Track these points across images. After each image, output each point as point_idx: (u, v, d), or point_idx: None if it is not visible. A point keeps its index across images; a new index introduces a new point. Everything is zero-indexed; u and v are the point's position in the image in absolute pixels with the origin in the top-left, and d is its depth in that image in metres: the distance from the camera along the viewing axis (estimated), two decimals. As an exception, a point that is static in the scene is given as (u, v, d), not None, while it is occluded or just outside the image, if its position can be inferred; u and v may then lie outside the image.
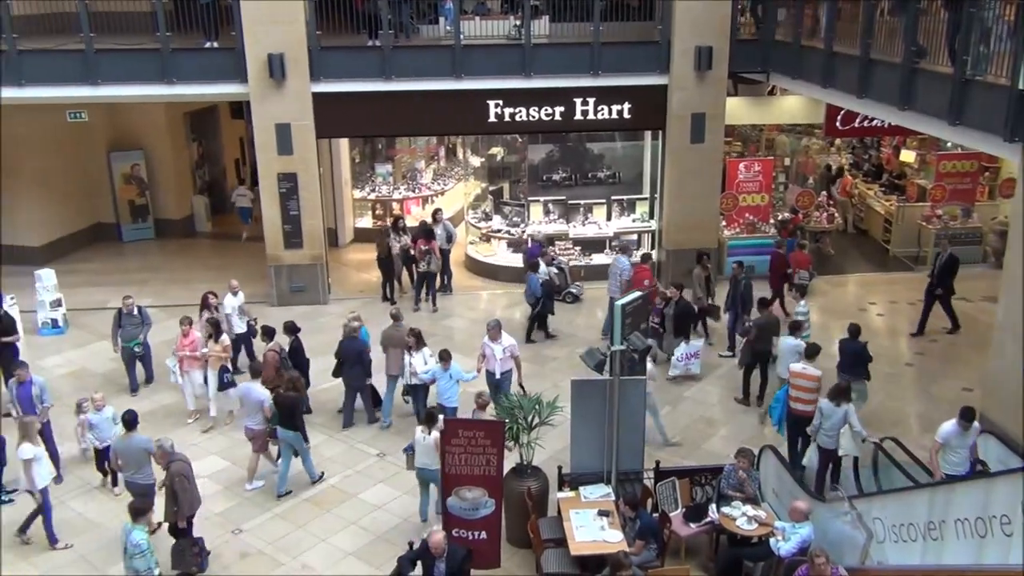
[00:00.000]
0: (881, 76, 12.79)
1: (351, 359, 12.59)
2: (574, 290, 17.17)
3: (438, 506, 10.23)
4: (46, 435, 11.39)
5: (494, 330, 12.29)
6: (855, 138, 21.49)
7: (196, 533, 9.97)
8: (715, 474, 10.29)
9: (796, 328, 12.45)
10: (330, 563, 9.99)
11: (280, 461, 11.40)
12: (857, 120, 17.12)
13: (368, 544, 10.29)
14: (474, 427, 9.51)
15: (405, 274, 17.62)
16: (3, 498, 11.00)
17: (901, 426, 12.29)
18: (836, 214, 19.54)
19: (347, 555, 10.12)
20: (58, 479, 11.22)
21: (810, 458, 11.07)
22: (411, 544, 8.90)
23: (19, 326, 14.27)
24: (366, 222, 20.91)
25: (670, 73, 16.53)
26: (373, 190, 20.96)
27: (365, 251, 19.57)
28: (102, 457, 11.17)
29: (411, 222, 18.86)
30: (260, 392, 11.22)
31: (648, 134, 18.02)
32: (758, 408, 13.07)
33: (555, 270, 16.19)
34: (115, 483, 11.11)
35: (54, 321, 15.95)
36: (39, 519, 10.29)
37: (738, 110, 18.02)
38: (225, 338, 12.89)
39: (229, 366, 12.86)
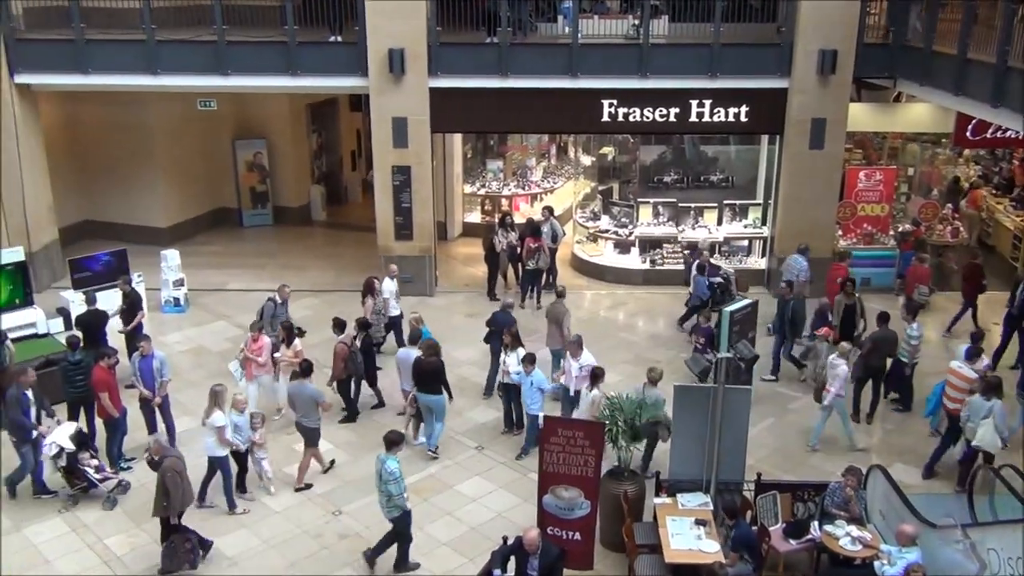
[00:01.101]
0: (1019, 85, 12.13)
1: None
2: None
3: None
4: (164, 408, 11.98)
5: (573, 345, 12.01)
6: (985, 149, 20.48)
7: (208, 530, 10.16)
8: (818, 490, 9.99)
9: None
10: (424, 551, 10.13)
11: (427, 425, 12.06)
12: (990, 130, 16.33)
13: (462, 535, 10.41)
14: (574, 427, 9.50)
15: (511, 270, 17.73)
16: (122, 465, 11.60)
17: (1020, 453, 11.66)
18: (961, 228, 18.65)
19: (441, 544, 10.27)
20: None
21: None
22: (505, 539, 8.96)
23: (144, 303, 15.02)
24: (475, 217, 21.14)
25: (791, 76, 16.10)
26: (483, 186, 21.16)
27: (472, 246, 19.78)
28: (243, 460, 11.05)
29: (519, 219, 18.96)
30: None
31: (765, 138, 17.63)
32: (867, 425, 12.63)
33: (719, 279, 15.65)
34: (244, 489, 11.16)
35: (176, 300, 16.70)
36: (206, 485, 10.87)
37: (860, 116, 17.40)
38: (297, 343, 12.68)
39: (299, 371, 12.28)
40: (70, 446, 10.78)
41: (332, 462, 11.78)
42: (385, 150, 16.65)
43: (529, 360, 11.72)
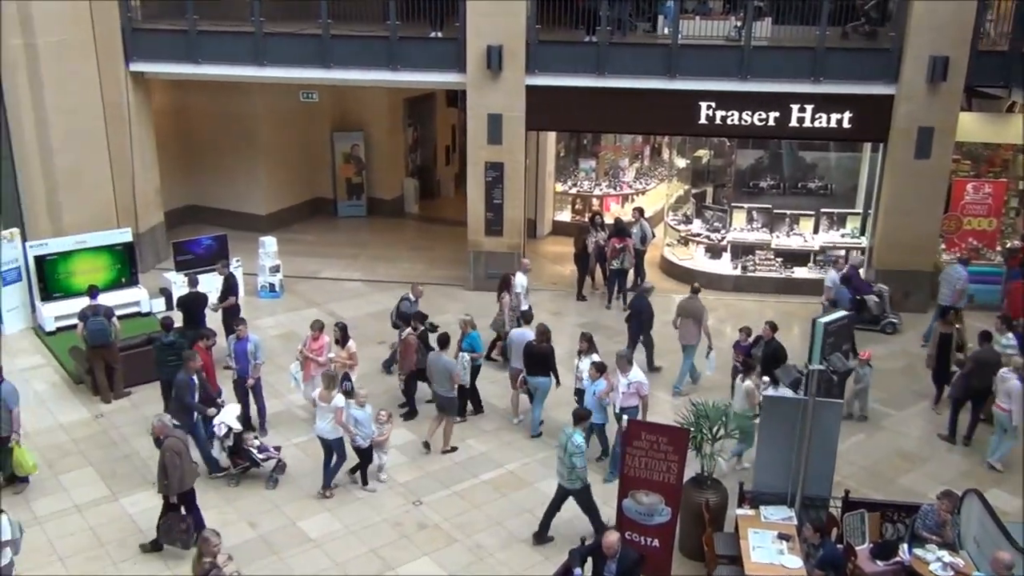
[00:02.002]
0: None
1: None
2: (894, 319, 15.79)
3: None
4: (256, 390, 12.32)
5: (621, 360, 11.32)
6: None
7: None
8: (909, 512, 9.66)
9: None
10: (502, 546, 10.21)
11: (535, 407, 12.38)
12: (1113, 144, 15.52)
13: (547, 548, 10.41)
14: (658, 432, 9.41)
15: (599, 271, 17.67)
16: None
17: None
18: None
19: (519, 541, 10.30)
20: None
21: None
22: (583, 540, 8.95)
23: (241, 287, 15.50)
24: (565, 216, 21.11)
25: (898, 83, 15.58)
26: (575, 184, 21.11)
27: (561, 244, 19.77)
28: (366, 456, 11.16)
29: (609, 219, 18.86)
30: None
31: (868, 146, 17.11)
32: (964, 447, 12.16)
33: (875, 298, 15.30)
34: (365, 482, 11.29)
35: (272, 285, 17.16)
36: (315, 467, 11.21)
37: (970, 126, 16.73)
38: (352, 344, 12.52)
39: (352, 374, 12.39)
40: (238, 426, 11.13)
41: (454, 448, 12.12)
42: (479, 146, 16.78)
43: (597, 368, 11.44)
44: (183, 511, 9.92)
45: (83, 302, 13.33)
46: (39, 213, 16.05)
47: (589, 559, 8.49)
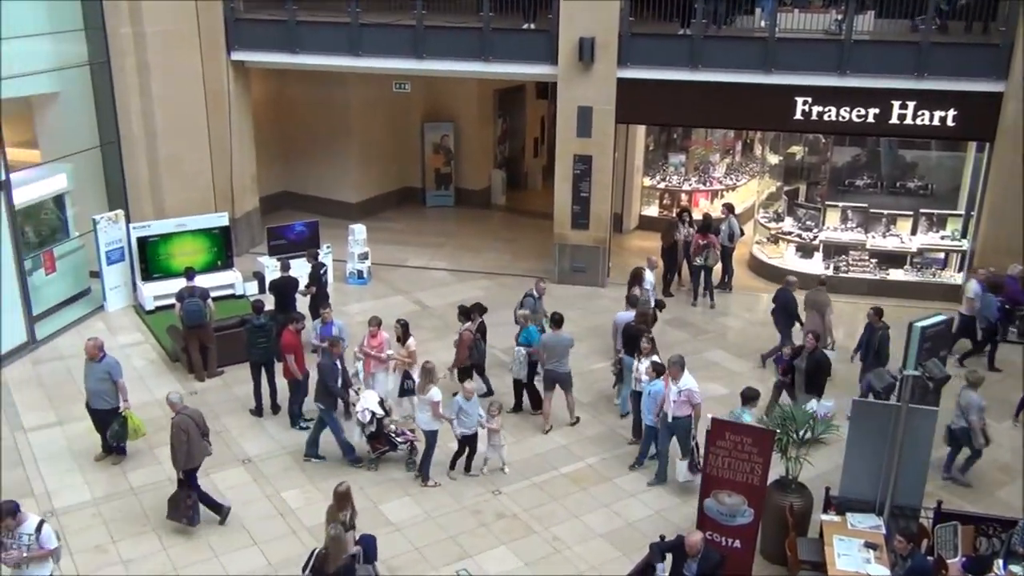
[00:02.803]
0: None
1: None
2: None
3: None
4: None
5: (674, 367, 10.85)
6: None
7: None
8: (1006, 527, 9.26)
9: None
10: (579, 539, 10.19)
11: (625, 387, 12.52)
12: None
13: (618, 529, 10.38)
14: (742, 432, 9.25)
15: (685, 267, 17.45)
16: (301, 425, 12.29)
17: None
18: None
19: (597, 536, 10.27)
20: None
21: None
22: (662, 537, 8.87)
23: (330, 273, 15.81)
24: (652, 210, 20.91)
25: (1008, 80, 14.90)
26: (663, 179, 20.87)
27: (647, 239, 19.59)
28: (468, 445, 11.22)
29: (697, 215, 18.58)
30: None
31: (972, 145, 16.43)
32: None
33: None
34: (468, 468, 11.39)
35: (360, 272, 17.47)
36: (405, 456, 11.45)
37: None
38: (412, 342, 12.31)
39: (412, 372, 12.07)
40: (380, 411, 11.35)
41: (578, 419, 12.51)
42: (568, 138, 16.73)
43: (655, 367, 11.19)
44: (190, 487, 10.20)
45: (181, 283, 13.81)
46: (142, 196, 16.70)
47: (669, 557, 8.43)
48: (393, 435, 11.38)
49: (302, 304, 14.11)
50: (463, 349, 12.43)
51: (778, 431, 9.50)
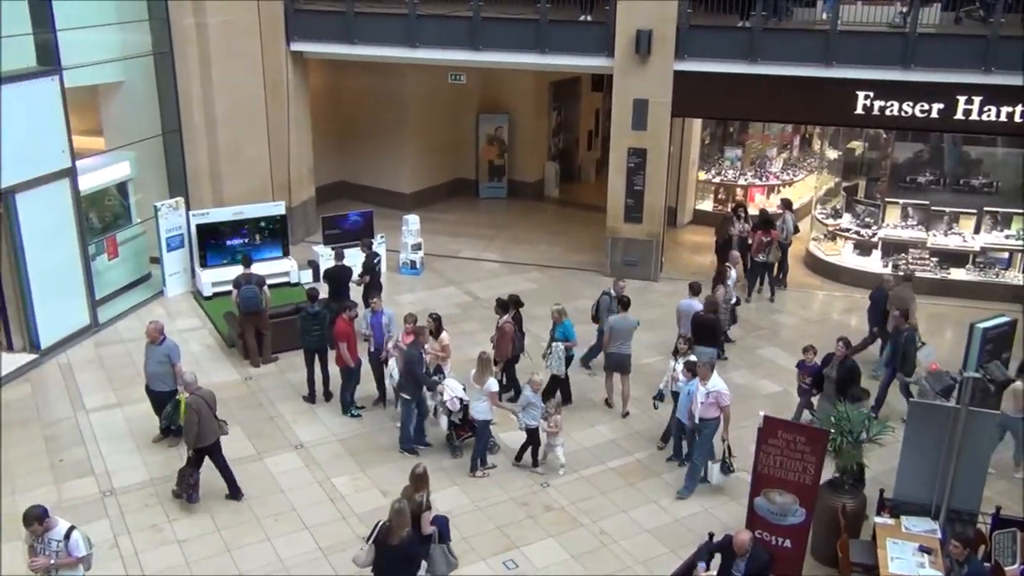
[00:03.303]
0: None
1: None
2: None
3: None
4: (389, 362, 12.63)
5: (704, 367, 10.62)
6: None
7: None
8: (1068, 536, 9.01)
9: None
10: (627, 534, 10.16)
11: None
12: None
13: (666, 525, 10.32)
14: (795, 431, 9.12)
15: (739, 263, 17.25)
16: (353, 412, 12.44)
17: None
18: None
19: (644, 531, 10.23)
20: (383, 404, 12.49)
21: None
22: (711, 535, 8.80)
23: (384, 263, 15.94)
24: (707, 205, 20.70)
25: (1081, 75, 14.43)
26: (719, 173, 20.64)
27: (701, 234, 19.43)
28: (535, 438, 11.23)
29: (753, 210, 18.37)
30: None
31: (1042, 142, 15.96)
32: None
33: None
34: (535, 464, 11.33)
35: (413, 263, 17.59)
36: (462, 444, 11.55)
37: None
38: (445, 336, 12.15)
39: (444, 366, 12.06)
40: (467, 398, 11.42)
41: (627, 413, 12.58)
42: (623, 131, 16.63)
43: (688, 367, 10.97)
44: (195, 466, 10.42)
45: (238, 270, 14.05)
46: (202, 184, 17.02)
47: (717, 556, 8.36)
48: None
49: (356, 293, 14.25)
50: (506, 342, 12.35)
51: (832, 431, 9.35)
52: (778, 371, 13.66)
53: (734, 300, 14.23)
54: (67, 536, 7.86)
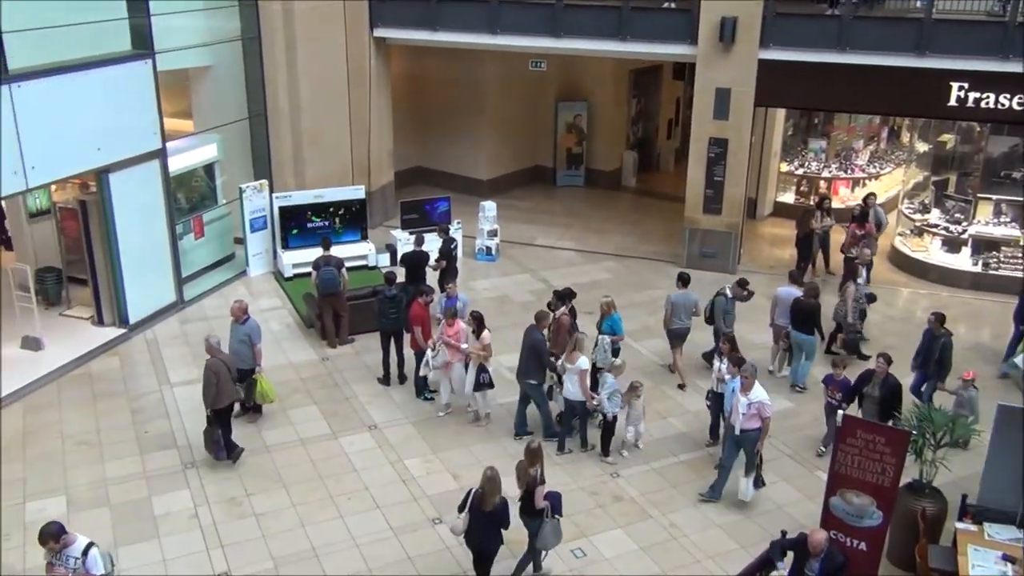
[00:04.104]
0: None
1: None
2: None
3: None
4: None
5: (747, 377, 10.14)
6: None
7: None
8: None
9: None
10: (698, 527, 10.07)
11: (794, 362, 12.97)
12: None
13: (737, 520, 10.19)
14: (875, 431, 8.88)
15: (820, 257, 16.86)
16: (426, 396, 12.58)
17: None
18: None
19: (715, 525, 10.13)
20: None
21: None
22: (784, 532, 8.66)
23: (460, 248, 16.04)
24: (788, 197, 20.27)
25: None
26: (802, 165, 20.18)
27: (781, 226, 19.06)
28: (611, 429, 11.28)
29: (836, 204, 17.92)
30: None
31: None
32: None
33: None
34: (606, 453, 11.34)
35: (488, 249, 17.66)
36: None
37: None
38: (487, 335, 11.78)
39: (487, 365, 11.80)
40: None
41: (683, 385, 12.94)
42: (704, 121, 16.39)
43: (735, 362, 10.65)
44: (217, 427, 10.87)
45: (317, 252, 14.31)
46: (285, 167, 17.38)
47: (790, 554, 8.22)
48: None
49: (432, 278, 14.39)
50: (563, 334, 12.03)
51: (914, 432, 9.10)
52: (860, 368, 13.27)
53: (865, 297, 13.66)
54: (85, 552, 7.60)
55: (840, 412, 9.57)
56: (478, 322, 11.85)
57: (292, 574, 9.29)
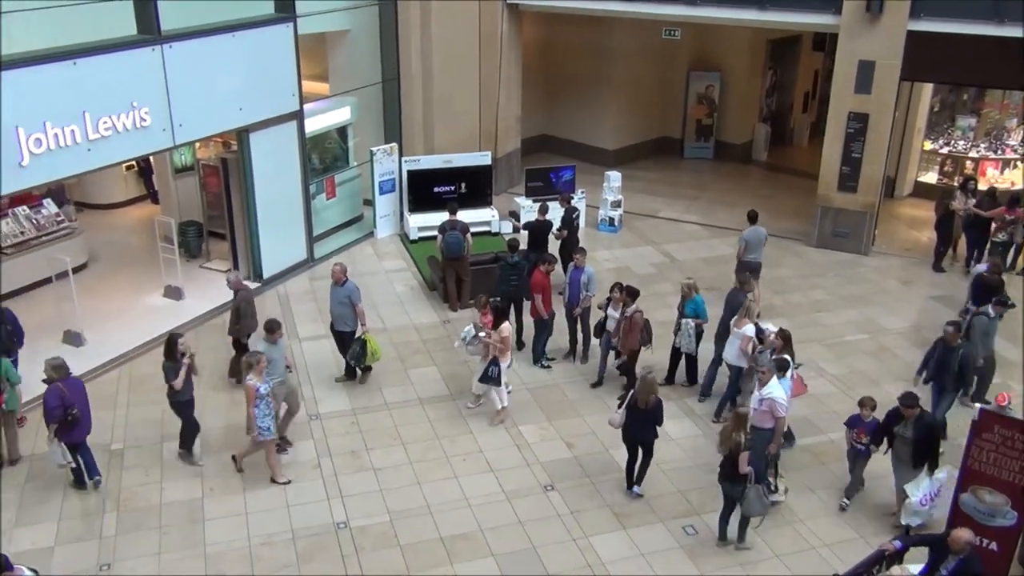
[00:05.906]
0: None
1: None
2: None
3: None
4: (583, 318, 12.69)
5: (768, 371, 9.69)
6: None
7: None
8: None
9: None
10: (813, 514, 9.84)
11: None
12: None
13: (856, 511, 9.88)
14: (1015, 427, 8.42)
15: (962, 241, 16.00)
16: (544, 363, 12.66)
17: None
18: None
19: (832, 514, 9.87)
20: (584, 361, 12.57)
21: None
22: (907, 528, 8.34)
23: (583, 218, 15.95)
24: (930, 177, 19.26)
25: None
26: (947, 143, 19.12)
27: (921, 208, 18.20)
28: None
29: (983, 185, 16.90)
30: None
31: None
32: None
33: None
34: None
35: (611, 219, 17.52)
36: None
37: None
38: (505, 327, 11.36)
39: (503, 359, 11.28)
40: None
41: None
42: (844, 94, 15.71)
43: (782, 366, 9.85)
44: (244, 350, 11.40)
45: (443, 216, 14.51)
46: (415, 132, 17.66)
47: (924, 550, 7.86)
48: None
49: (553, 247, 14.39)
50: (635, 333, 11.54)
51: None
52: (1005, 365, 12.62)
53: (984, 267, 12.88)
54: None
55: (977, 406, 9.05)
56: (496, 313, 11.51)
57: (407, 528, 9.57)
